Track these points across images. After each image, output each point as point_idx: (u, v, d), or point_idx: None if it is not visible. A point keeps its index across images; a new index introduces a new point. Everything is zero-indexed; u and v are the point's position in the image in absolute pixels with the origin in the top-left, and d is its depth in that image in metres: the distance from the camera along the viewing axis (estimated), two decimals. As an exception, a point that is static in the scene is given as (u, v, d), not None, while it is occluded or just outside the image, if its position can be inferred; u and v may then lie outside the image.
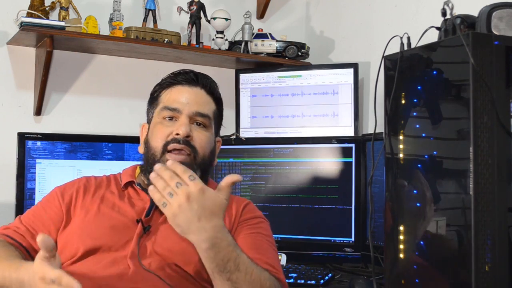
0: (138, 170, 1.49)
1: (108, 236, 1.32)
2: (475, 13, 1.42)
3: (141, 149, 1.48)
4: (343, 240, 2.07)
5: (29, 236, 1.35)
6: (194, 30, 2.33)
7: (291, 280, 1.83)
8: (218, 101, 1.49)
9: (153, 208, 1.36)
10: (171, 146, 1.37)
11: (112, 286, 1.25)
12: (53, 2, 2.13)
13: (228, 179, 1.17)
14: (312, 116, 2.38)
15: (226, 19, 2.37)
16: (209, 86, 1.46)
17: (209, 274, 1.20)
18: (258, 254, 1.32)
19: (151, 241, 1.31)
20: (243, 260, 1.20)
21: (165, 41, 2.23)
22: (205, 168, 1.42)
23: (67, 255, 1.32)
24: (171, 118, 1.41)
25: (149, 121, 1.48)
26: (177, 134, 1.37)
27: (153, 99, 1.48)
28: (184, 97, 1.42)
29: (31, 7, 2.05)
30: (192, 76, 1.45)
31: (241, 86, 2.49)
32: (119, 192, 1.43)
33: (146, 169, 1.41)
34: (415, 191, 1.43)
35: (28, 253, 1.33)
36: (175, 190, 1.12)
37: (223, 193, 1.17)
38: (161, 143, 1.38)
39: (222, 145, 2.30)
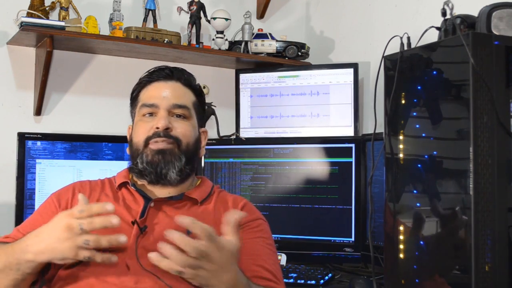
0: None
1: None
2: (475, 13, 1.42)
3: (128, 150, 1.51)
4: (343, 240, 2.07)
5: None
6: (194, 30, 2.33)
7: (291, 280, 1.83)
8: (197, 92, 1.52)
9: (147, 208, 1.37)
10: (152, 140, 1.40)
11: (112, 286, 1.24)
12: (53, 2, 2.13)
13: (232, 220, 1.14)
14: (312, 116, 2.38)
15: (226, 19, 2.37)
16: (184, 78, 1.49)
17: None
18: (259, 261, 1.33)
19: (148, 241, 1.31)
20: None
21: (165, 41, 2.23)
22: (190, 156, 1.43)
23: None
24: (151, 114, 1.44)
25: (133, 122, 1.51)
26: (157, 127, 1.40)
27: (133, 100, 1.51)
28: (160, 92, 1.45)
29: (31, 7, 2.05)
30: (167, 71, 1.49)
31: (241, 86, 2.49)
32: (114, 194, 1.43)
33: (133, 166, 1.44)
34: (415, 191, 1.43)
35: None
36: (199, 261, 1.09)
37: (234, 237, 1.15)
38: (143, 138, 1.41)
39: (222, 145, 2.31)
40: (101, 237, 1.13)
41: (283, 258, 2.02)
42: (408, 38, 1.50)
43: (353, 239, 2.06)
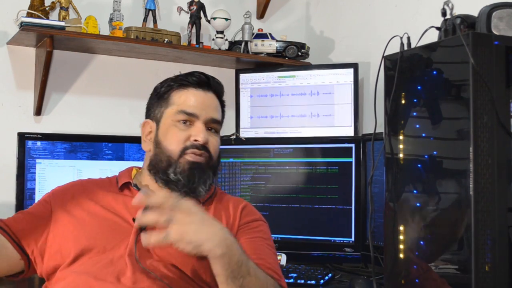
0: (134, 172, 1.50)
1: (103, 236, 1.32)
2: (475, 13, 1.42)
3: (146, 146, 1.46)
4: (343, 240, 2.07)
5: (7, 220, 1.36)
6: (194, 30, 2.33)
7: (291, 280, 1.83)
8: (223, 103, 1.52)
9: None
10: (190, 151, 1.39)
11: (110, 286, 1.24)
12: (53, 2, 2.13)
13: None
14: (312, 116, 2.38)
15: (226, 19, 2.37)
16: (219, 91, 1.49)
17: (219, 284, 1.18)
18: (260, 260, 1.32)
19: None
20: (251, 263, 1.22)
21: (165, 41, 2.23)
22: (215, 171, 1.45)
23: (63, 256, 1.32)
24: (185, 122, 1.41)
25: (155, 119, 1.46)
26: (196, 140, 1.39)
27: (162, 98, 1.46)
28: (200, 102, 1.43)
29: (31, 7, 2.05)
30: (204, 78, 1.46)
31: (241, 86, 2.49)
32: (114, 194, 1.43)
33: (158, 169, 1.41)
34: (415, 191, 1.43)
35: (7, 233, 1.33)
36: (172, 213, 1.10)
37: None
38: (179, 147, 1.39)
39: (222, 145, 2.30)
40: None
41: (283, 258, 2.02)
42: (408, 38, 1.50)
43: (353, 239, 2.06)
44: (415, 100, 1.44)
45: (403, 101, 1.47)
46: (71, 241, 1.32)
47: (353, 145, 2.09)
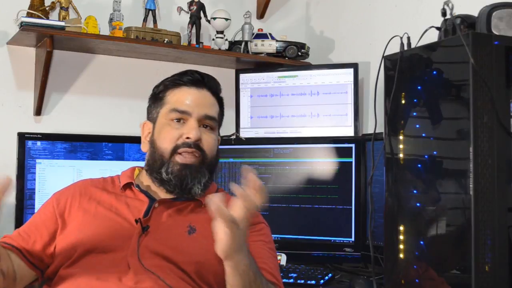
0: (136, 172, 1.50)
1: (106, 237, 1.32)
2: (475, 13, 1.42)
3: (144, 147, 1.48)
4: (343, 240, 2.07)
5: (20, 239, 1.34)
6: (194, 30, 2.33)
7: (291, 280, 1.83)
8: (221, 101, 1.51)
9: (152, 208, 1.37)
10: (181, 150, 1.38)
11: (112, 286, 1.24)
12: (53, 2, 2.13)
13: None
14: (312, 116, 2.38)
15: (226, 19, 2.37)
16: (215, 88, 1.48)
17: None
18: (261, 264, 1.33)
19: (150, 241, 1.31)
20: (261, 274, 1.24)
21: (165, 41, 2.23)
22: (212, 169, 1.44)
23: (65, 256, 1.32)
24: (178, 120, 1.41)
25: (152, 120, 1.48)
26: (188, 138, 1.38)
27: (158, 98, 1.47)
28: (192, 100, 1.42)
29: (31, 7, 2.05)
30: (198, 77, 1.46)
31: (241, 86, 2.49)
32: (117, 194, 1.43)
33: (153, 169, 1.41)
34: (415, 191, 1.43)
35: (23, 255, 1.33)
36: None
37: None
38: (171, 146, 1.39)
39: (222, 145, 2.30)
40: None
41: (283, 258, 2.02)
42: (408, 38, 1.50)
43: (353, 239, 2.06)
44: (415, 100, 1.44)
45: (403, 101, 1.47)
46: (74, 241, 1.32)
47: (353, 145, 2.09)
